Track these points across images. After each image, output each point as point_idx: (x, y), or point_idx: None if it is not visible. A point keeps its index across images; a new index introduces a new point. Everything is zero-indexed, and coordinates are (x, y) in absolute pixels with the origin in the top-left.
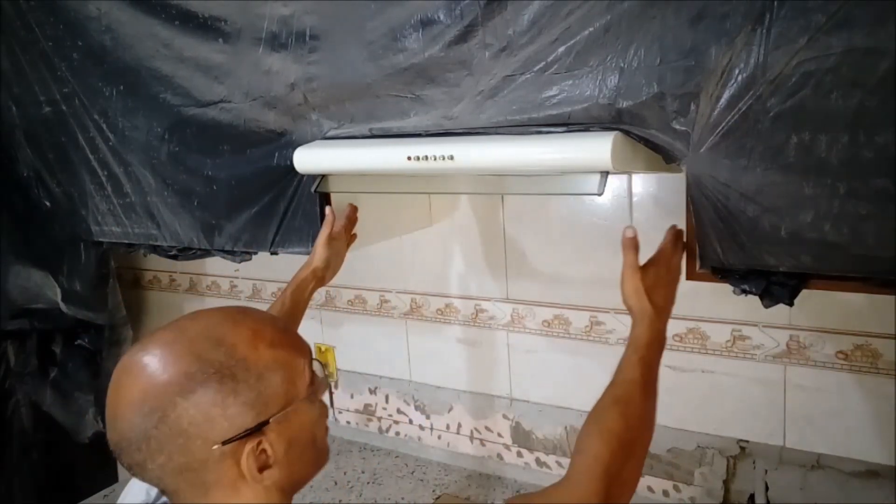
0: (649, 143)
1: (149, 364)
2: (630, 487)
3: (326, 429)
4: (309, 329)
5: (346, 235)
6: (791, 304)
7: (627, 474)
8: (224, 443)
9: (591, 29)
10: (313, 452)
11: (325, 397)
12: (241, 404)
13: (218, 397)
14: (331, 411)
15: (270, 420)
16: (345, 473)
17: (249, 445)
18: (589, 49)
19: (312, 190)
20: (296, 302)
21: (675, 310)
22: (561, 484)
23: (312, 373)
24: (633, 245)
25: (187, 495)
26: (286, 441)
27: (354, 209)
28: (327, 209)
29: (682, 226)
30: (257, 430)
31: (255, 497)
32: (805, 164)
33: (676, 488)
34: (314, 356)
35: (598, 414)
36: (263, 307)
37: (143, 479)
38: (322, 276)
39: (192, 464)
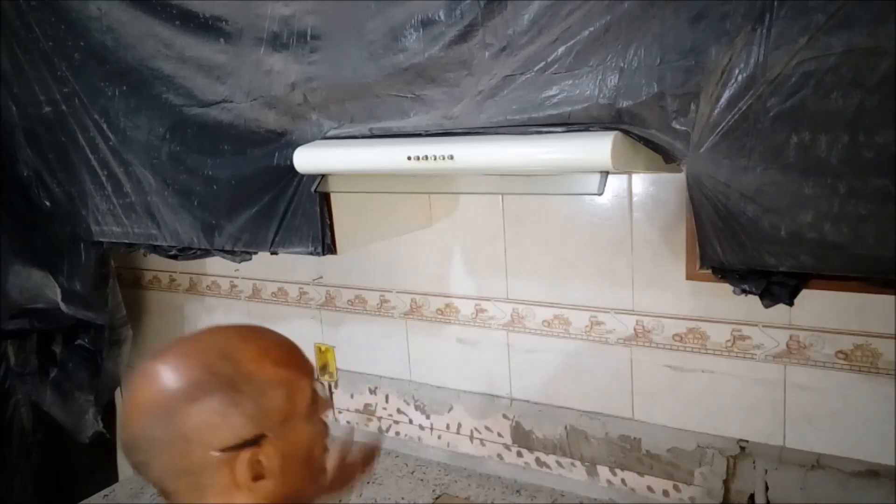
0: (649, 143)
1: (162, 372)
2: None
3: (325, 448)
4: (309, 329)
5: None
6: (791, 304)
7: None
8: (222, 450)
9: (591, 29)
10: (307, 469)
11: (329, 417)
12: (241, 415)
13: (221, 407)
14: (331, 413)
15: (268, 433)
16: None
17: (245, 455)
18: (589, 49)
19: (312, 190)
20: None
21: (676, 309)
22: None
23: (314, 392)
24: None
25: (185, 497)
26: (281, 455)
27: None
28: None
29: (682, 226)
30: (254, 441)
31: None
32: (805, 164)
33: (676, 488)
34: (316, 377)
35: None
36: (264, 307)
37: (147, 479)
38: None
39: (191, 467)
